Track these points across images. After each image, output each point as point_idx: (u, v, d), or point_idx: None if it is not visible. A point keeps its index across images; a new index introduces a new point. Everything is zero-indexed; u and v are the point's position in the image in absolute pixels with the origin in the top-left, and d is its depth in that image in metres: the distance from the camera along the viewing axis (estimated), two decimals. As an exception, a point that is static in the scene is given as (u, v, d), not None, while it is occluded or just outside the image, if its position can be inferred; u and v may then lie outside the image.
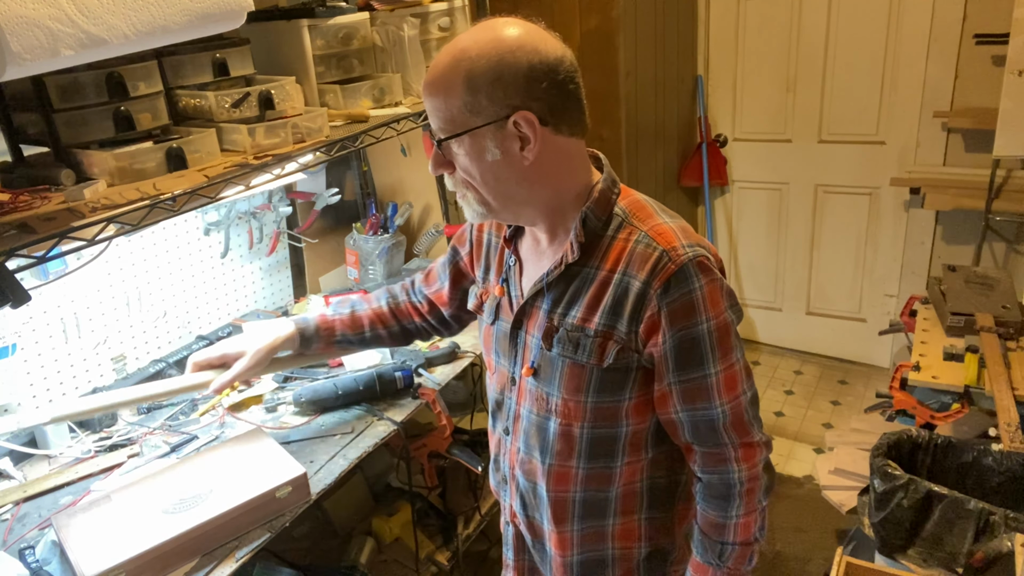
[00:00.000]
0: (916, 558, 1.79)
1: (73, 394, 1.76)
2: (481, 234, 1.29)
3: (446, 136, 1.01)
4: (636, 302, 1.01)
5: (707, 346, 1.03)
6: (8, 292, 1.07)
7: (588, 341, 1.05)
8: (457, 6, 2.02)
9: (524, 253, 1.17)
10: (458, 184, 1.05)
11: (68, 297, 1.73)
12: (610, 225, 1.06)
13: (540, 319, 1.10)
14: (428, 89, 1.00)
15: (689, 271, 1.00)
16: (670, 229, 1.04)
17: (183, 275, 2.01)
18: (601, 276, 1.05)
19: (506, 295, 1.18)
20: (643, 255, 1.01)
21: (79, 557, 1.21)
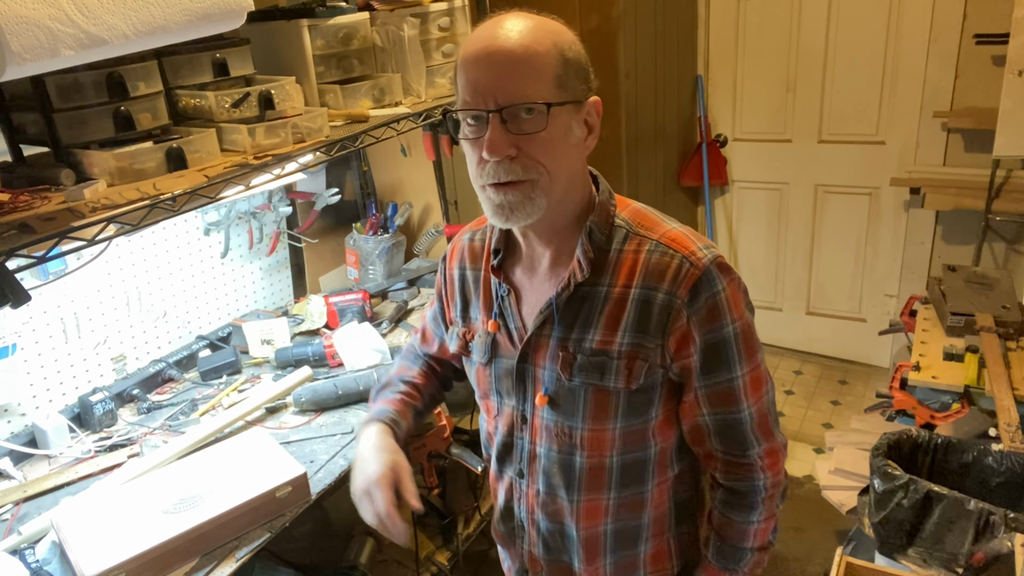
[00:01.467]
0: (916, 558, 1.79)
1: (73, 394, 1.76)
2: (451, 269, 1.17)
3: (543, 102, 0.89)
4: (662, 315, 0.96)
5: (733, 348, 0.99)
6: (8, 292, 1.07)
7: (613, 364, 0.98)
8: (457, 6, 2.02)
9: (518, 280, 1.07)
10: (527, 169, 0.91)
11: (68, 297, 1.73)
12: (614, 238, 1.00)
13: (551, 348, 1.02)
14: (516, 53, 0.89)
15: (712, 273, 0.96)
16: (682, 234, 0.99)
17: (183, 275, 2.02)
18: (615, 293, 0.98)
19: (502, 329, 1.07)
20: (661, 265, 0.96)
21: (79, 557, 1.21)
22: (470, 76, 0.91)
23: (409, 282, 2.37)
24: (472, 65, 0.91)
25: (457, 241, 1.18)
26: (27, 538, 1.34)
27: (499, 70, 0.89)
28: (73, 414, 1.71)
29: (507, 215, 0.94)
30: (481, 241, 1.14)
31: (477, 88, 0.90)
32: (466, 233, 1.18)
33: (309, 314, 2.16)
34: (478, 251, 1.14)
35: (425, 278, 2.39)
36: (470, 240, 1.16)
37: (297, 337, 2.10)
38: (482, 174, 0.93)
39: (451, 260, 1.19)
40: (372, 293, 2.27)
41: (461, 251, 1.16)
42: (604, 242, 1.00)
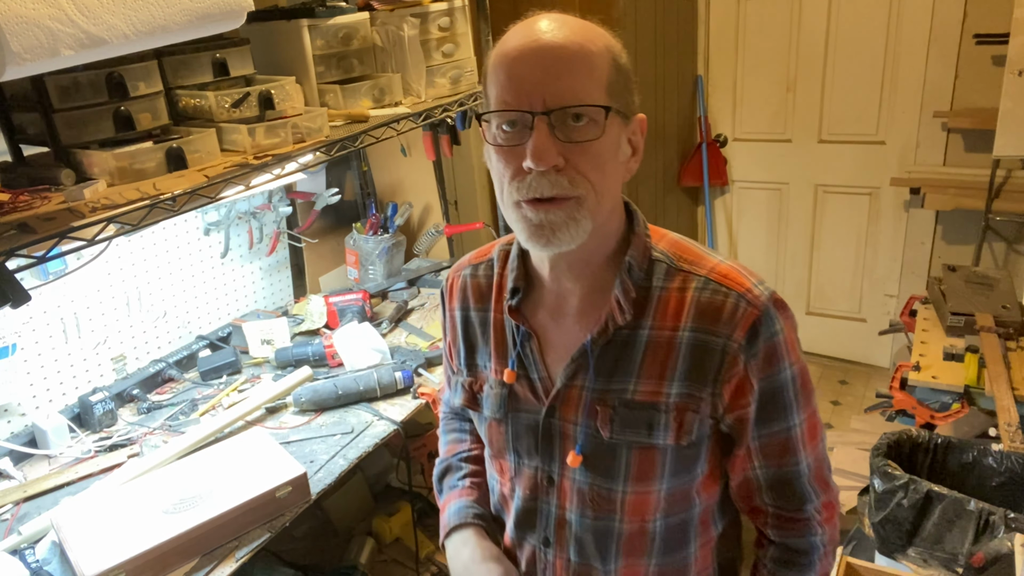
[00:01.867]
0: (916, 558, 1.79)
1: (73, 394, 1.76)
2: (452, 310, 1.04)
3: (601, 105, 0.78)
4: (716, 361, 0.85)
5: (791, 394, 0.89)
6: (8, 292, 1.07)
7: (662, 418, 0.87)
8: (457, 6, 2.02)
9: (540, 323, 0.93)
10: (574, 184, 0.79)
11: (68, 297, 1.73)
12: (654, 274, 0.89)
13: (584, 400, 0.90)
14: (569, 49, 0.78)
15: (772, 313, 0.86)
16: (733, 269, 0.88)
17: (183, 275, 2.02)
18: (660, 336, 0.87)
19: (522, 380, 0.94)
20: (713, 304, 0.85)
21: (79, 557, 1.21)
22: (512, 72, 0.79)
23: (409, 282, 2.37)
24: (515, 61, 0.79)
25: (455, 277, 1.05)
26: (27, 538, 1.34)
27: (549, 66, 0.77)
28: (73, 414, 1.71)
29: (547, 238, 0.80)
30: (487, 277, 1.00)
31: (522, 87, 0.77)
32: (465, 268, 1.04)
33: (309, 314, 2.16)
34: (484, 289, 1.00)
35: (425, 278, 2.39)
36: (472, 276, 1.02)
37: (297, 337, 2.10)
38: (519, 188, 0.79)
39: (450, 300, 1.05)
40: (372, 293, 2.27)
41: (463, 289, 1.03)
42: (643, 279, 0.88)
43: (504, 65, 0.80)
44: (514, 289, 0.94)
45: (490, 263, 1.01)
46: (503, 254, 1.00)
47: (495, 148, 0.82)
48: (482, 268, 1.02)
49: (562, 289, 0.91)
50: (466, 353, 1.02)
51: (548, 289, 0.93)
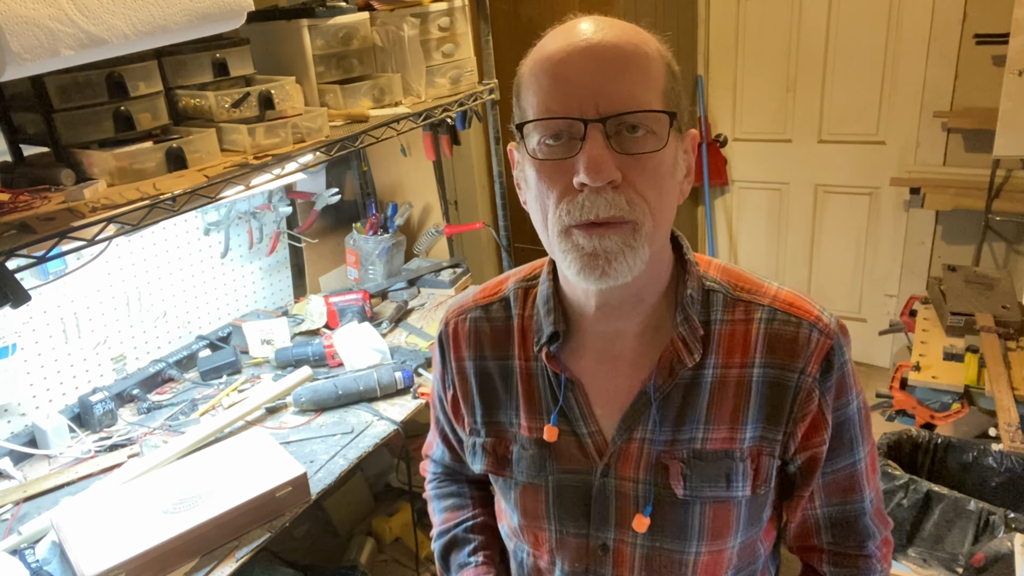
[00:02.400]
0: (916, 558, 1.79)
1: (73, 394, 1.76)
2: (460, 360, 0.91)
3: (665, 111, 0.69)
4: (791, 397, 0.78)
5: (857, 427, 0.83)
6: (8, 292, 1.07)
7: (739, 467, 0.78)
8: (457, 6, 2.02)
9: (585, 369, 0.82)
10: (633, 205, 0.69)
11: (68, 297, 1.73)
12: (711, 306, 0.80)
13: (649, 456, 0.79)
14: (625, 49, 0.69)
15: (841, 342, 0.80)
16: (796, 295, 0.81)
17: (183, 275, 2.02)
18: (727, 375, 0.79)
19: (567, 436, 0.82)
20: (783, 335, 0.78)
21: (79, 557, 1.21)
22: (559, 75, 0.69)
23: (409, 282, 2.37)
24: (560, 63, 0.69)
25: (459, 321, 0.92)
26: (27, 538, 1.34)
27: (602, 68, 0.68)
28: (73, 414, 1.71)
29: (602, 269, 0.70)
30: (504, 319, 0.89)
31: (571, 91, 0.68)
32: (472, 310, 0.91)
33: (309, 314, 2.16)
34: (501, 333, 0.88)
35: (425, 278, 2.39)
36: (483, 319, 0.90)
37: (297, 337, 2.10)
38: (570, 210, 0.69)
39: (455, 348, 0.91)
40: (372, 293, 2.27)
41: (472, 335, 0.90)
42: (701, 312, 0.80)
43: (547, 68, 0.70)
44: (554, 334, 0.82)
45: (504, 304, 0.89)
46: (521, 292, 0.88)
47: (537, 165, 0.71)
48: (495, 310, 0.90)
49: (611, 330, 0.80)
50: (484, 410, 0.89)
51: (592, 331, 0.81)
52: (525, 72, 0.74)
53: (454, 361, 0.92)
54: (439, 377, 0.96)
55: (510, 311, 0.89)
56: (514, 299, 0.89)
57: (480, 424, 0.89)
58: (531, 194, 0.75)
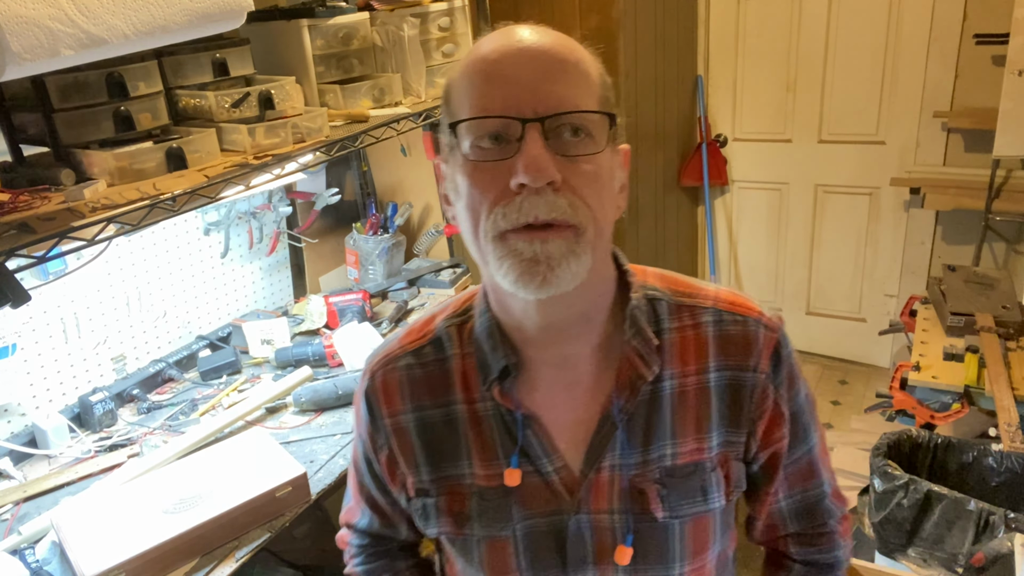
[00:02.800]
0: (916, 558, 1.79)
1: (73, 394, 1.76)
2: (393, 416, 0.81)
3: (605, 112, 0.68)
4: (748, 396, 0.77)
5: (808, 414, 0.83)
6: (8, 292, 1.07)
7: (711, 477, 0.77)
8: (457, 6, 2.02)
9: (540, 402, 0.76)
10: (574, 208, 0.65)
11: (68, 297, 1.73)
12: (658, 315, 0.78)
13: (620, 482, 0.75)
14: (560, 52, 0.67)
15: (785, 334, 0.80)
16: (734, 294, 0.81)
17: (183, 275, 2.01)
18: (686, 384, 0.76)
19: (531, 478, 0.76)
20: (733, 336, 0.77)
21: (79, 557, 1.21)
22: (495, 74, 0.66)
23: (409, 282, 2.37)
24: (497, 63, 0.66)
25: (386, 372, 0.82)
26: (27, 538, 1.34)
27: (541, 68, 0.65)
28: (73, 414, 1.71)
29: (544, 275, 0.65)
30: (439, 362, 0.81)
31: (508, 90, 0.65)
32: (400, 358, 0.82)
33: (309, 314, 2.16)
34: (438, 377, 0.80)
35: (425, 278, 2.39)
36: (415, 366, 0.81)
37: (297, 337, 2.10)
38: (506, 214, 0.65)
39: (388, 402, 0.82)
40: (372, 293, 2.27)
41: (407, 385, 0.81)
42: (650, 322, 0.77)
43: (482, 69, 0.67)
44: (505, 368, 0.75)
45: (437, 345, 0.81)
46: (456, 330, 0.81)
47: (470, 168, 0.66)
48: (427, 353, 0.81)
49: (562, 357, 0.76)
50: (431, 466, 0.80)
51: (542, 361, 0.76)
52: (456, 76, 0.70)
53: (387, 418, 0.82)
54: (366, 438, 0.85)
55: (445, 352, 0.81)
56: (449, 339, 0.81)
57: (429, 482, 0.80)
58: (461, 203, 0.69)
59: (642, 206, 3.05)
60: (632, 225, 2.97)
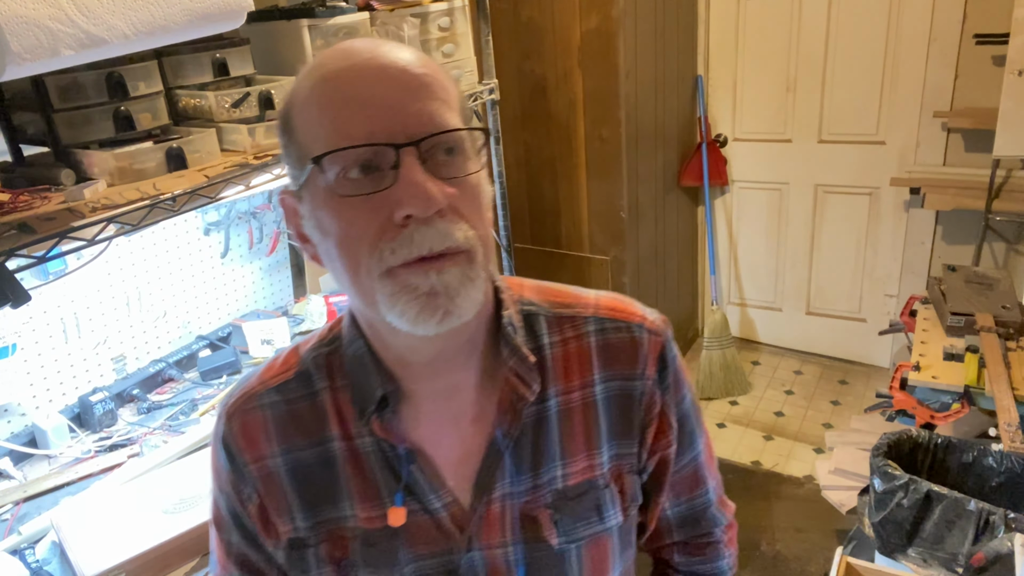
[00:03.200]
0: (916, 558, 1.79)
1: (73, 394, 1.76)
2: (260, 460, 0.73)
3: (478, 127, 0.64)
4: (637, 405, 0.75)
5: (694, 420, 0.81)
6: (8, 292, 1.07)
7: (605, 494, 0.74)
8: (457, 6, 2.02)
9: (423, 436, 0.71)
10: (464, 232, 0.61)
11: (68, 297, 1.73)
12: (537, 330, 0.74)
13: (510, 511, 0.71)
14: (417, 67, 0.61)
15: (670, 338, 0.77)
16: (615, 299, 0.77)
17: (183, 275, 2.02)
18: (571, 400, 0.73)
19: (418, 516, 0.70)
20: (616, 344, 0.74)
21: (79, 557, 1.21)
22: (352, 96, 0.59)
23: (409, 282, 2.37)
24: (352, 84, 0.60)
25: (246, 412, 0.74)
26: (27, 538, 1.34)
27: (402, 86, 0.59)
28: (73, 414, 1.71)
29: (445, 308, 0.60)
30: (308, 397, 0.73)
31: (373, 114, 0.58)
32: (262, 395, 0.74)
33: (309, 314, 2.16)
34: (308, 414, 0.73)
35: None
36: (281, 403, 0.74)
37: (297, 337, 2.10)
38: (394, 249, 0.59)
39: (250, 447, 0.73)
40: (372, 293, 2.26)
41: (267, 426, 0.73)
42: (528, 339, 0.73)
43: (336, 90, 0.60)
44: (383, 399, 0.69)
45: (304, 379, 0.74)
46: (326, 362, 0.74)
47: (339, 205, 0.60)
48: (293, 388, 0.74)
49: (446, 387, 0.70)
50: (308, 511, 0.72)
51: (424, 392, 0.70)
52: (299, 101, 0.62)
53: (252, 464, 0.73)
54: (229, 490, 0.75)
55: (314, 386, 0.73)
56: (318, 372, 0.74)
57: (306, 529, 0.72)
58: (331, 242, 0.62)
59: (642, 206, 3.05)
60: (632, 225, 2.97)
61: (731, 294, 3.79)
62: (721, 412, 3.29)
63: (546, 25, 2.77)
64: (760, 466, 2.92)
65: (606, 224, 2.96)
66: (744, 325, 3.81)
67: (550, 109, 2.87)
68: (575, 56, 2.75)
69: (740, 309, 3.79)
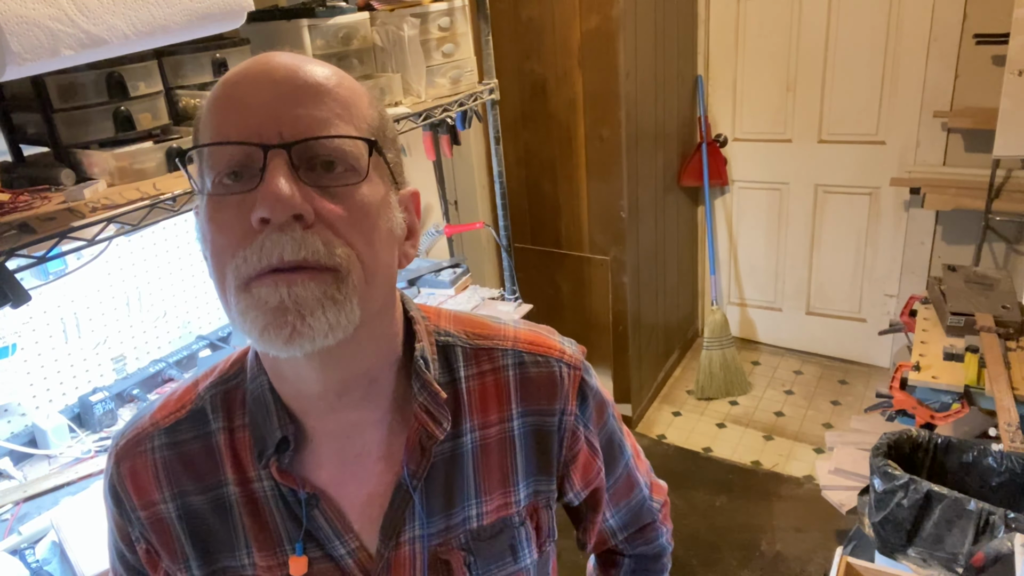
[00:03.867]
0: (916, 558, 1.79)
1: (73, 394, 1.76)
2: (154, 506, 0.68)
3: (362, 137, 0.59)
4: (558, 441, 0.73)
5: (618, 433, 0.81)
6: (8, 292, 1.07)
7: (520, 532, 0.71)
8: (457, 6, 2.02)
9: (325, 479, 0.67)
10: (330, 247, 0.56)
11: (68, 297, 1.73)
12: (452, 363, 0.71)
13: (419, 555, 0.67)
14: (313, 74, 0.58)
15: (588, 369, 0.76)
16: (534, 332, 0.75)
17: (183, 275, 2.01)
18: (488, 436, 0.70)
19: (320, 564, 0.67)
20: (535, 378, 0.72)
21: (79, 557, 1.21)
22: (233, 97, 0.57)
23: (409, 282, 2.37)
24: (237, 85, 0.58)
25: (134, 458, 0.69)
26: (27, 538, 1.34)
27: (285, 90, 0.57)
28: (73, 414, 1.71)
29: (293, 326, 0.54)
30: (202, 438, 0.69)
31: (248, 115, 0.56)
32: (152, 437, 0.69)
33: (309, 314, 2.16)
34: (201, 456, 0.68)
35: (425, 278, 2.39)
36: (173, 445, 0.69)
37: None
38: (247, 258, 0.55)
39: (139, 493, 0.68)
40: (372, 293, 2.26)
41: (156, 470, 0.68)
42: (442, 372, 0.69)
43: (222, 94, 0.58)
44: (283, 441, 0.65)
45: (198, 418, 0.69)
46: (224, 399, 0.69)
47: (211, 206, 0.57)
48: (186, 429, 0.69)
49: (347, 425, 0.66)
50: (201, 559, 0.68)
51: (325, 431, 0.66)
52: (203, 107, 0.60)
53: (141, 510, 0.68)
54: (115, 532, 0.72)
55: (208, 426, 0.69)
56: (212, 409, 0.69)
57: (199, 571, 0.68)
58: (207, 253, 0.58)
59: (642, 206, 3.05)
60: (632, 225, 2.97)
61: (731, 294, 3.79)
62: (721, 412, 3.29)
63: (546, 25, 2.77)
64: (760, 466, 2.92)
65: (606, 224, 2.96)
66: (744, 325, 3.81)
67: (550, 109, 2.87)
68: (575, 56, 2.76)
69: (740, 309, 3.79)
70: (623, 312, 3.04)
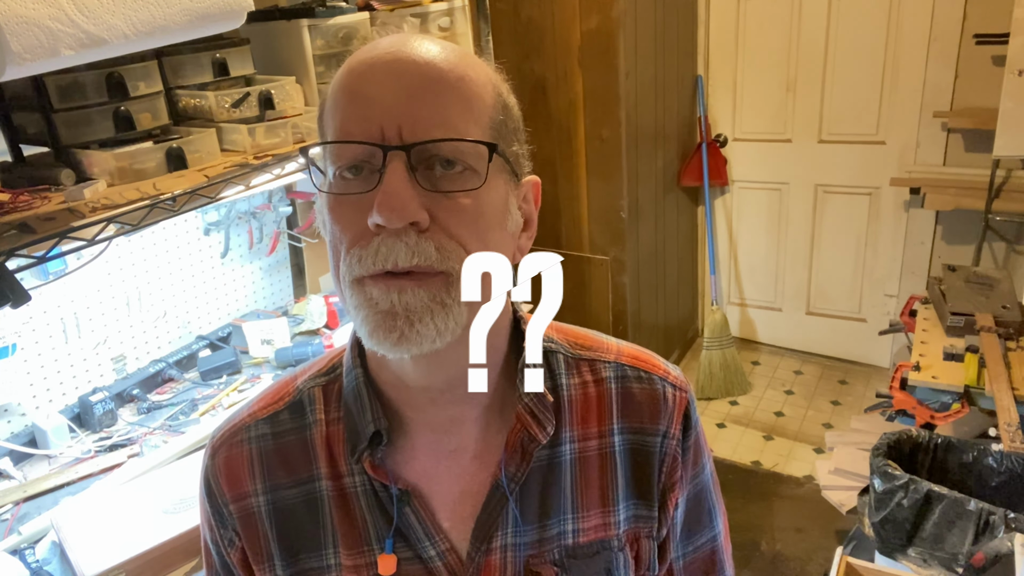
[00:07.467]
0: (916, 558, 1.79)
1: (73, 394, 1.76)
2: (245, 498, 0.67)
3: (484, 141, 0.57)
4: (658, 465, 0.68)
5: (714, 495, 0.74)
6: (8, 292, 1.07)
7: (620, 557, 0.67)
8: (457, 6, 2.02)
9: (419, 474, 0.65)
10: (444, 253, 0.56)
11: (68, 297, 1.73)
12: (553, 369, 0.68)
13: (512, 564, 0.64)
14: (440, 68, 0.57)
15: (693, 398, 0.71)
16: (639, 350, 0.72)
17: (183, 275, 2.01)
18: (587, 448, 0.67)
19: (410, 564, 0.64)
20: (639, 395, 0.68)
21: (79, 557, 1.21)
22: (357, 91, 0.57)
23: (409, 282, 2.37)
24: (361, 78, 0.57)
25: (233, 447, 0.69)
26: (27, 538, 1.34)
27: (408, 86, 0.55)
28: (73, 414, 1.71)
29: (402, 331, 0.55)
30: (298, 431, 0.68)
31: (370, 112, 0.55)
32: (249, 428, 0.69)
33: (309, 314, 2.16)
34: (296, 449, 0.67)
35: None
36: (269, 437, 0.68)
37: (297, 337, 2.10)
38: (361, 258, 0.55)
39: (232, 485, 0.68)
40: (372, 293, 2.26)
41: (252, 462, 0.68)
42: (545, 378, 0.66)
43: (346, 85, 0.58)
44: (376, 435, 0.63)
45: (296, 410, 0.69)
46: (321, 393, 0.69)
47: (332, 202, 0.58)
48: (284, 421, 0.69)
49: (444, 420, 0.64)
50: (287, 558, 0.67)
51: (421, 424, 0.65)
52: (328, 93, 0.61)
53: (233, 504, 0.67)
54: (213, 535, 0.70)
55: (306, 418, 0.68)
56: (310, 402, 0.69)
57: (282, 569, 0.67)
58: (327, 241, 0.60)
59: (642, 206, 3.05)
60: (632, 225, 2.97)
61: (731, 294, 3.79)
62: (721, 412, 3.29)
63: (546, 25, 2.77)
64: (760, 466, 2.92)
65: (606, 224, 2.96)
66: (744, 325, 3.81)
67: (550, 109, 2.87)
68: (575, 56, 2.76)
69: (740, 309, 3.79)
70: (623, 312, 3.04)
